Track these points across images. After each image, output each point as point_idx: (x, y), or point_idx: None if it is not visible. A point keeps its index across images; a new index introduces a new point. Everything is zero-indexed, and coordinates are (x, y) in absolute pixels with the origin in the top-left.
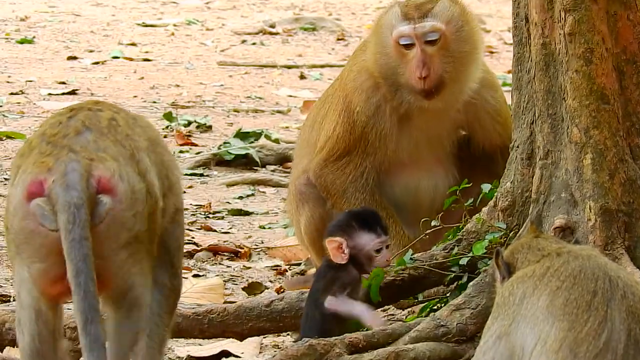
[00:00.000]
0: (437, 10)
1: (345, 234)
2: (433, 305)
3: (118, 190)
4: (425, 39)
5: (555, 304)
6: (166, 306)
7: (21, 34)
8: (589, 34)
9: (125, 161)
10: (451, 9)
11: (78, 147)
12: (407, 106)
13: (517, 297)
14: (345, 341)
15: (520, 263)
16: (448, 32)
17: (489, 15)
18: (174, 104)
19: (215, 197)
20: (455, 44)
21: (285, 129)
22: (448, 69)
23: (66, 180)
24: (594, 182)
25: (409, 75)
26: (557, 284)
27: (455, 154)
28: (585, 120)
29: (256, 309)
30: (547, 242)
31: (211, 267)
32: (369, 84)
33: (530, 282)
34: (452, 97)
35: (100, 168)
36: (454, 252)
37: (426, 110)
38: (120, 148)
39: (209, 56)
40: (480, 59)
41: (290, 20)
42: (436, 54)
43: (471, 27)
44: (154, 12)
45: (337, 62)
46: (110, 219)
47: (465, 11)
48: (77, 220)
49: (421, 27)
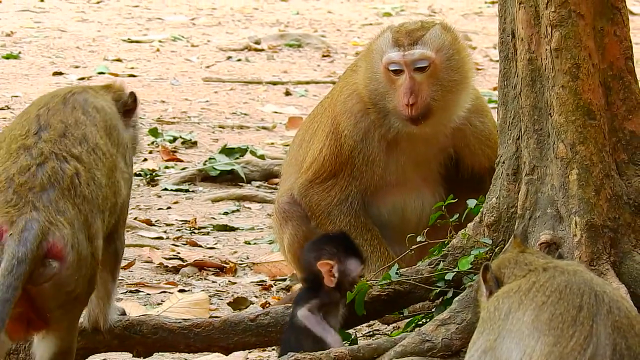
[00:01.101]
0: (427, 38)
1: (336, 258)
2: (418, 320)
3: (67, 258)
4: (414, 66)
5: (541, 318)
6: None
7: (7, 49)
8: (575, 49)
9: (79, 226)
10: (442, 37)
11: (41, 205)
12: (396, 132)
13: (502, 312)
14: (331, 355)
15: (507, 278)
16: (438, 60)
17: (474, 32)
18: (160, 120)
19: (200, 213)
20: (444, 72)
21: (271, 145)
22: (436, 96)
23: (21, 237)
24: (580, 197)
25: (396, 101)
26: (542, 298)
27: (443, 174)
28: (572, 136)
29: (242, 324)
30: (533, 257)
31: (197, 282)
32: (359, 108)
33: (515, 297)
34: (440, 124)
35: (56, 235)
36: (440, 267)
37: (414, 136)
38: (77, 212)
39: (194, 72)
40: (470, 88)
41: (276, 36)
42: (425, 81)
43: (462, 57)
44: (140, 28)
45: (322, 78)
46: (54, 280)
47: (456, 40)
48: (14, 271)
49: (410, 55)
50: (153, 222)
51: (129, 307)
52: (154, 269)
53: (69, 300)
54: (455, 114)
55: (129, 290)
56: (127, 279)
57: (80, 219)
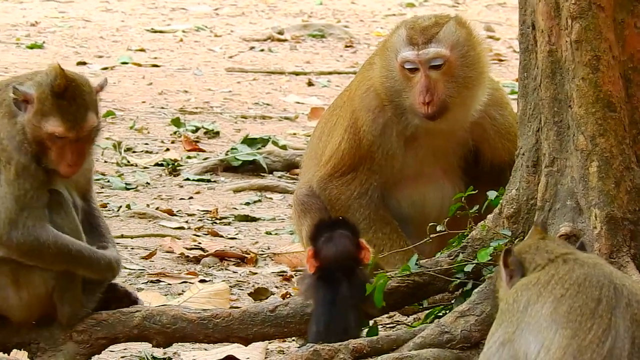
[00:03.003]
0: (441, 36)
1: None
2: (438, 312)
3: None
4: (429, 65)
5: (559, 311)
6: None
7: (31, 39)
8: (595, 41)
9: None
10: (457, 34)
11: None
12: (414, 128)
13: (521, 304)
14: (349, 347)
15: (528, 263)
16: (452, 57)
17: (498, 23)
18: (182, 110)
19: (222, 203)
20: (459, 69)
21: (293, 136)
22: (452, 93)
23: None
24: (600, 189)
25: (413, 99)
26: (561, 291)
27: (462, 168)
28: (592, 128)
29: (261, 314)
30: (554, 245)
31: (217, 273)
32: (376, 104)
33: (534, 289)
34: (457, 119)
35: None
36: (459, 258)
37: (432, 131)
38: None
39: (217, 62)
40: (486, 82)
41: (299, 27)
42: (440, 78)
43: (477, 52)
44: (163, 18)
45: (345, 69)
46: None
47: (471, 35)
48: None
49: (424, 54)
50: (175, 212)
51: (150, 297)
52: (175, 259)
53: None
54: (472, 109)
55: (150, 280)
56: (149, 269)
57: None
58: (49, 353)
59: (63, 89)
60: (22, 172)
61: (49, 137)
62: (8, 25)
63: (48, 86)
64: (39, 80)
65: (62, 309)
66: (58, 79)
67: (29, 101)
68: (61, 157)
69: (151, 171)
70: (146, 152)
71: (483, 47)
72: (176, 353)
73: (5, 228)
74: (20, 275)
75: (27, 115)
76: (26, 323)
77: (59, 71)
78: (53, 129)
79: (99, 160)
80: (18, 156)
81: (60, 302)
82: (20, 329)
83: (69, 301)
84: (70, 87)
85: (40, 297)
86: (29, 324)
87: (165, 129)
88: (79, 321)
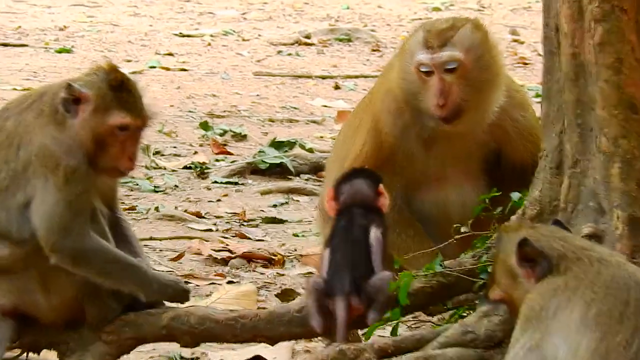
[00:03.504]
0: (457, 39)
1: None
2: (462, 312)
3: None
4: (444, 68)
5: (589, 315)
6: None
7: (60, 43)
8: (618, 44)
9: None
10: (472, 37)
11: None
12: (431, 130)
13: (550, 311)
14: (374, 346)
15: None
16: (467, 60)
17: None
18: (210, 114)
19: (249, 205)
20: (474, 72)
21: (320, 139)
22: (467, 97)
23: None
24: (622, 191)
25: (428, 101)
26: (591, 295)
27: (484, 169)
28: (614, 130)
29: (287, 315)
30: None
31: (245, 274)
32: (395, 106)
33: (563, 295)
34: (472, 122)
35: None
36: (483, 259)
37: (449, 133)
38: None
39: (244, 66)
40: (501, 86)
41: (326, 31)
42: (455, 82)
43: (492, 55)
44: (191, 23)
45: (371, 72)
46: None
47: (487, 38)
48: None
49: (439, 57)
50: (203, 214)
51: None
52: (203, 261)
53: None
54: (487, 112)
55: None
56: (177, 271)
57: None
58: (78, 353)
59: (120, 82)
60: (71, 176)
61: (111, 132)
62: (37, 30)
63: (104, 82)
64: (91, 80)
65: (91, 311)
66: (113, 73)
67: (82, 100)
68: (122, 151)
69: (180, 174)
70: (175, 155)
71: (498, 50)
72: (204, 353)
73: (58, 234)
74: (49, 279)
75: (83, 115)
76: (56, 324)
77: (113, 66)
78: (119, 120)
79: None
80: (67, 160)
81: (89, 305)
82: (50, 330)
83: (97, 303)
84: (124, 79)
85: (69, 300)
86: (58, 325)
87: (193, 133)
88: (107, 322)
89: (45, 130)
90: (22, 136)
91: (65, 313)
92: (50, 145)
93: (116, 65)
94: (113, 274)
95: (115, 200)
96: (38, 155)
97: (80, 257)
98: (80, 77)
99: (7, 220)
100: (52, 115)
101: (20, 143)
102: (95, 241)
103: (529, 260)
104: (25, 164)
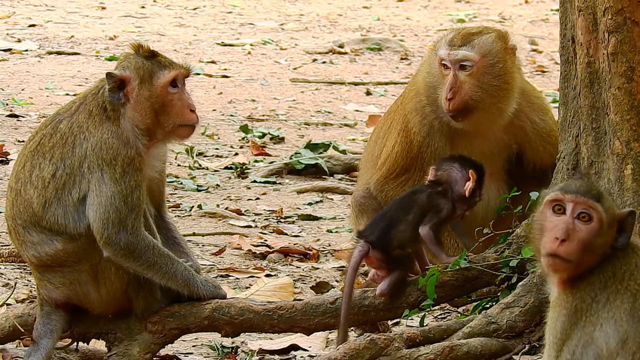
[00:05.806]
0: (477, 42)
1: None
2: (485, 304)
3: None
4: (459, 64)
5: (636, 306)
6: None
7: (110, 52)
8: (630, 53)
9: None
10: (492, 45)
11: None
12: (452, 130)
13: (600, 303)
14: (403, 336)
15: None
16: (481, 63)
17: (541, 37)
18: (250, 117)
19: (286, 203)
20: (486, 76)
21: (352, 141)
22: (475, 97)
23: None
24: (634, 191)
25: (442, 94)
26: (635, 287)
27: (507, 170)
28: (627, 134)
29: (322, 306)
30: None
31: (282, 268)
32: (421, 105)
33: (613, 287)
34: (480, 123)
35: None
36: (505, 254)
37: (468, 132)
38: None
39: (282, 73)
40: (513, 96)
41: (358, 40)
42: (467, 80)
43: (506, 65)
44: (233, 33)
45: (400, 79)
46: None
47: (506, 49)
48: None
49: (455, 54)
50: (243, 211)
51: None
52: (243, 255)
53: None
54: (498, 117)
55: (219, 275)
56: (218, 264)
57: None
58: (125, 342)
59: (150, 51)
60: (128, 167)
61: (165, 94)
62: (89, 39)
63: (137, 57)
64: (124, 63)
65: (138, 302)
66: (141, 47)
67: (126, 82)
68: (182, 106)
69: (221, 174)
70: (216, 157)
71: (514, 63)
72: (244, 342)
73: (113, 228)
74: (99, 272)
75: (132, 94)
76: (105, 315)
77: (137, 43)
78: (167, 77)
79: (173, 164)
80: (125, 150)
81: (136, 297)
82: (99, 321)
83: (144, 295)
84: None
85: (117, 292)
86: (107, 316)
87: (234, 135)
88: (153, 313)
89: (100, 129)
90: (76, 135)
91: (114, 304)
92: (107, 139)
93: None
94: (161, 271)
95: (163, 203)
96: (95, 150)
97: (133, 251)
98: (114, 68)
99: (63, 216)
100: (101, 114)
101: (75, 141)
102: (148, 238)
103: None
104: (81, 159)
